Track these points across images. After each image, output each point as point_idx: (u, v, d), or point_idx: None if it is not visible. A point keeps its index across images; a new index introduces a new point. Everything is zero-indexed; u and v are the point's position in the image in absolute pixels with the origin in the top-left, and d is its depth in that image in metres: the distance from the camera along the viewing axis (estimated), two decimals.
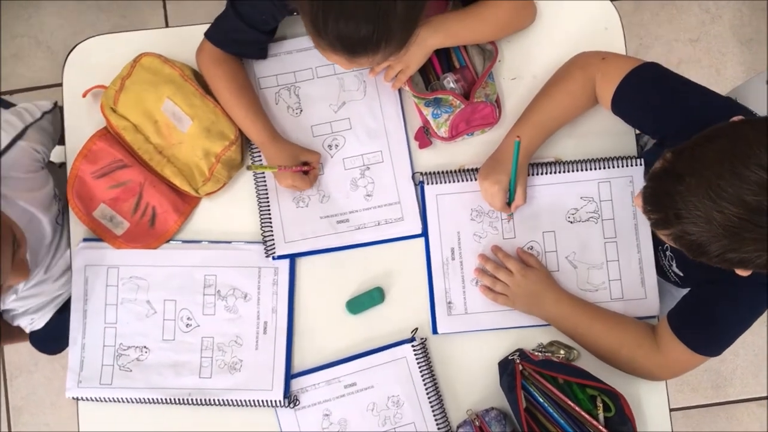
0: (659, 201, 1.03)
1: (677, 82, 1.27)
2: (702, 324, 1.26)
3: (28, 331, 1.68)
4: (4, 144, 1.32)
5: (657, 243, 1.39)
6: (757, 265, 0.99)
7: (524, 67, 1.47)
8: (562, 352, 1.38)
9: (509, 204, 1.38)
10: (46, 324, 1.63)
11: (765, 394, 2.42)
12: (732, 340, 1.25)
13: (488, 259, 1.41)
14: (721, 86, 2.47)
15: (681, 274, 1.35)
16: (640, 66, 1.29)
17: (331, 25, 1.11)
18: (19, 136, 1.36)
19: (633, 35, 2.51)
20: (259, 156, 1.43)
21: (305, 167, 1.40)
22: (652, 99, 1.27)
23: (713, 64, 2.51)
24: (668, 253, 1.37)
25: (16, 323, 1.63)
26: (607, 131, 1.43)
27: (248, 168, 1.40)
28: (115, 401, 1.40)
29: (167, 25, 2.48)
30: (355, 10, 1.09)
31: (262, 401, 1.38)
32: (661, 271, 1.41)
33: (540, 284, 1.37)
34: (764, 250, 0.95)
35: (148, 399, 1.39)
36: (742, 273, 1.06)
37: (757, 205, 0.93)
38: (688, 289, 1.34)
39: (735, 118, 1.04)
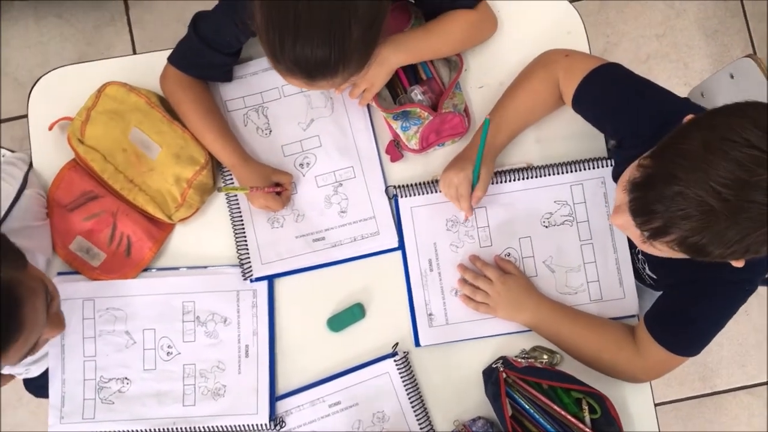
0: (652, 209, 0.99)
1: (637, 83, 1.27)
2: (678, 325, 1.26)
3: (21, 377, 1.65)
4: (13, 194, 1.32)
5: (629, 246, 1.40)
6: (763, 251, 0.97)
7: (491, 75, 1.47)
8: (545, 356, 1.38)
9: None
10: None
11: (752, 383, 2.44)
12: (709, 339, 1.26)
13: (467, 269, 1.41)
14: (690, 79, 2.49)
15: (654, 277, 1.35)
16: (601, 66, 1.30)
17: (288, 50, 1.11)
18: (23, 185, 1.35)
19: (600, 33, 2.53)
20: (231, 179, 1.43)
21: (278, 188, 1.40)
22: (611, 99, 1.28)
23: (681, 58, 2.54)
24: (640, 256, 1.37)
25: (7, 371, 1.60)
26: (576, 134, 1.44)
27: (218, 190, 1.39)
28: None
29: (134, 51, 2.47)
30: (310, 34, 1.09)
31: (248, 426, 1.37)
32: (637, 274, 1.42)
33: (520, 290, 1.37)
34: None
35: (133, 431, 1.38)
36: (738, 264, 1.04)
37: (757, 182, 0.91)
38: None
39: (687, 117, 1.04)
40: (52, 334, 1.15)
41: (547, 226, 1.42)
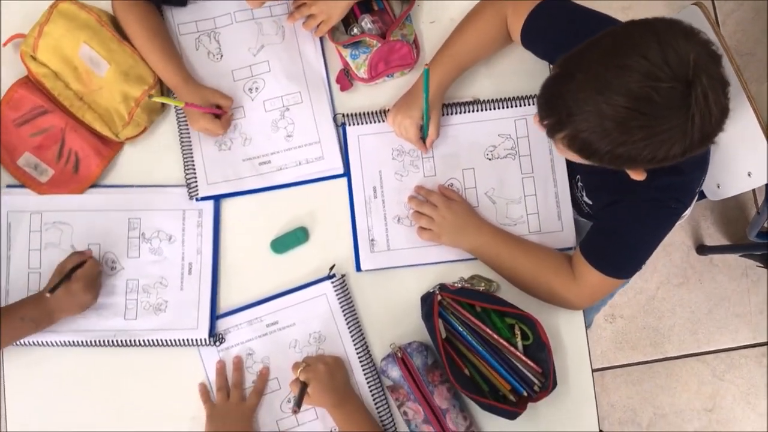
0: (551, 104, 1.07)
1: (581, 14, 1.30)
2: (609, 247, 1.29)
3: None
4: None
5: (569, 176, 1.43)
6: (644, 159, 1.02)
7: (442, 11, 1.49)
8: (482, 284, 1.41)
9: (424, 140, 1.40)
10: None
11: (702, 350, 2.48)
12: (640, 261, 1.29)
13: (413, 197, 1.44)
14: None
15: (590, 203, 1.38)
16: (546, 0, 1.33)
17: None
18: None
19: None
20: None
21: (216, 110, 1.42)
22: (558, 31, 1.30)
23: None
24: (579, 183, 1.40)
25: None
26: (523, 71, 1.46)
27: (149, 97, 1.39)
28: (40, 345, 1.39)
29: None
30: None
31: (188, 340, 1.39)
32: (576, 205, 1.45)
33: (464, 215, 1.40)
34: (650, 138, 0.99)
35: (74, 342, 1.39)
36: (636, 176, 1.10)
37: (642, 93, 0.96)
38: None
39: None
40: None
41: (490, 159, 1.44)
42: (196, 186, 1.42)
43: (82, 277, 1.33)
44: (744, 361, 2.49)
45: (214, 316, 1.40)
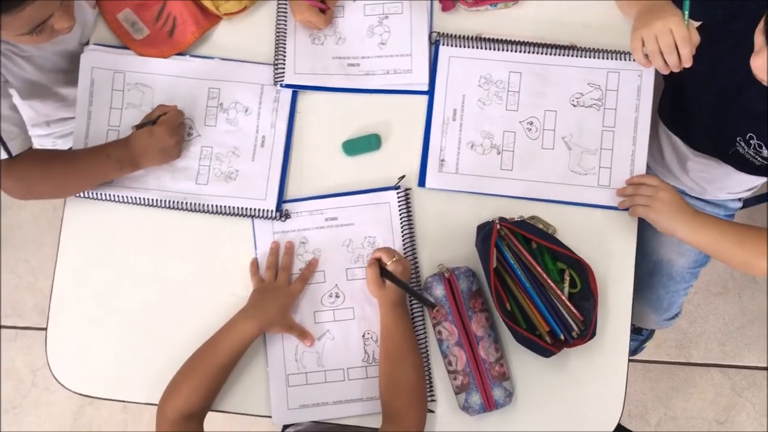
0: None
1: None
2: None
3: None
4: None
5: (732, 141, 1.39)
6: None
7: None
8: (540, 225, 1.41)
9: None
10: None
11: (726, 363, 2.46)
12: None
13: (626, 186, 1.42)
14: None
15: None
16: None
17: None
18: None
19: None
20: None
21: (321, 5, 1.43)
22: None
23: None
24: (754, 141, 1.35)
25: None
26: (625, 27, 1.45)
27: None
28: (109, 199, 1.43)
29: None
30: None
31: (255, 210, 1.42)
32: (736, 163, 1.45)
33: (680, 199, 1.37)
34: None
35: (143, 199, 1.42)
36: None
37: None
38: None
39: None
40: (61, 25, 1.20)
41: (575, 105, 1.44)
42: (283, 72, 1.44)
43: (166, 122, 1.37)
44: (766, 382, 2.46)
45: (282, 191, 1.43)
